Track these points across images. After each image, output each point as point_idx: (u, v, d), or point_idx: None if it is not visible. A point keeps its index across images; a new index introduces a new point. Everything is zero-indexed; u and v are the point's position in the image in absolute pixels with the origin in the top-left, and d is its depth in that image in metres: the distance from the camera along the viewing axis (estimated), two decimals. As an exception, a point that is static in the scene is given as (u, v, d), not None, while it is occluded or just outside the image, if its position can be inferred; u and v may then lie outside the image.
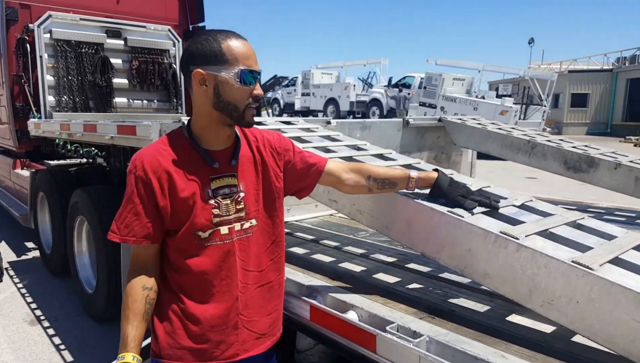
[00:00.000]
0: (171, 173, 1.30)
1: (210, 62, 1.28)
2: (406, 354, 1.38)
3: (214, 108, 1.31)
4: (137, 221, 1.30)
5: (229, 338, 1.39)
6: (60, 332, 3.69)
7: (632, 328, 1.19)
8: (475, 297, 1.75)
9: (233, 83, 1.28)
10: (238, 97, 1.30)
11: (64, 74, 5.36)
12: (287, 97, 24.68)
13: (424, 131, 3.77)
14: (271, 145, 1.50)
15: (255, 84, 1.31)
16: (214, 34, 1.30)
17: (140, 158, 1.32)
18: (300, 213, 3.09)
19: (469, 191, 1.67)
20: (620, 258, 1.38)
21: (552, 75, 17.38)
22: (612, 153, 3.17)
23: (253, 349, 1.44)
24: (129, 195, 1.31)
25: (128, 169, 1.33)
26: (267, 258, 1.47)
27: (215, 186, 1.34)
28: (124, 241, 1.31)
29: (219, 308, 1.37)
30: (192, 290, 1.36)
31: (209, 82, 1.29)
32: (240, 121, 1.34)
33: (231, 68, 1.27)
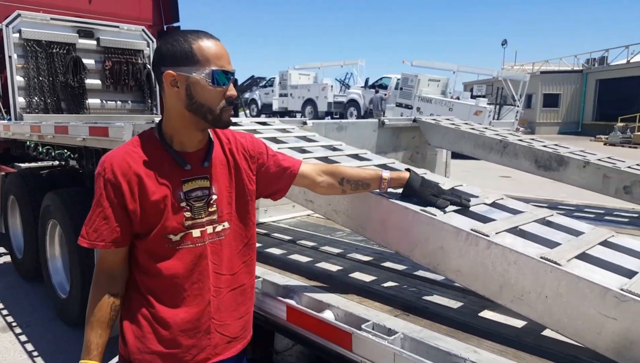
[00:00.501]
0: (141, 176, 1.27)
1: (181, 63, 1.25)
2: (381, 351, 1.40)
3: (187, 110, 1.29)
4: (105, 226, 1.27)
5: (200, 342, 1.37)
6: (33, 338, 3.61)
7: (598, 322, 1.23)
8: (448, 294, 1.78)
9: (205, 84, 1.26)
10: (211, 99, 1.27)
11: (35, 74, 5.24)
12: (264, 98, 24.60)
13: (399, 131, 3.82)
14: (244, 148, 1.48)
15: (228, 84, 1.29)
16: (184, 34, 1.28)
17: (109, 160, 1.28)
18: (277, 213, 3.09)
19: (441, 190, 1.69)
20: (587, 253, 1.43)
21: (525, 76, 17.75)
22: (581, 152, 3.26)
23: (224, 353, 1.43)
24: (98, 199, 1.28)
25: (96, 172, 1.30)
26: (239, 261, 1.45)
27: (187, 188, 1.32)
28: (93, 246, 1.28)
29: (191, 312, 1.35)
30: (163, 294, 1.34)
31: (181, 83, 1.27)
32: (218, 123, 1.32)
33: (202, 69, 1.25)
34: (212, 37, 1.30)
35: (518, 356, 1.34)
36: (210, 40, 1.28)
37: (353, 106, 20.56)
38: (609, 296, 1.21)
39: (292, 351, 2.57)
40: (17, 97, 5.13)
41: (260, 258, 2.23)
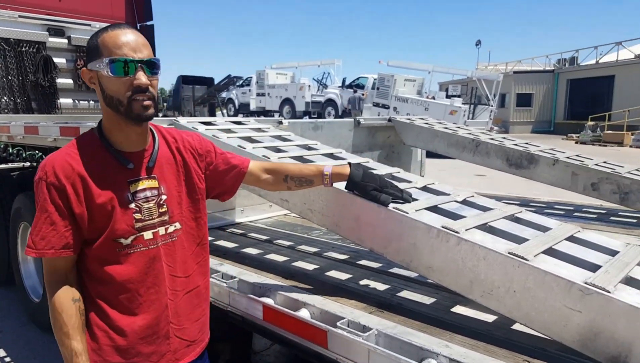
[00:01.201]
0: (85, 178, 1.22)
1: (92, 59, 1.23)
2: (356, 348, 1.42)
3: (106, 105, 1.25)
4: (53, 232, 1.20)
5: (160, 348, 1.34)
6: (5, 344, 3.52)
7: (564, 315, 1.28)
8: (421, 290, 1.81)
9: (106, 75, 1.21)
10: (116, 90, 1.22)
11: (3, 73, 5.12)
12: (242, 97, 24.44)
13: (375, 130, 3.85)
14: (192, 146, 1.45)
15: (134, 73, 1.21)
16: (101, 30, 1.25)
17: (50, 164, 1.22)
18: (254, 213, 3.09)
19: (384, 183, 1.69)
20: (554, 248, 1.47)
21: (498, 76, 18.06)
22: (551, 150, 3.35)
23: (184, 358, 1.40)
24: (42, 204, 1.21)
25: (37, 177, 1.23)
26: (193, 262, 1.43)
27: (134, 189, 1.28)
28: (42, 254, 1.21)
29: (148, 318, 1.31)
30: (117, 301, 1.28)
31: (95, 79, 1.24)
32: (130, 115, 1.23)
33: (103, 59, 1.20)
34: (120, 27, 1.24)
35: (489, 350, 1.37)
36: (115, 30, 1.23)
37: (331, 106, 20.60)
38: (574, 290, 1.25)
39: (270, 351, 2.58)
40: (-15, 97, 5.00)
41: (237, 258, 2.24)
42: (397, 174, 2.10)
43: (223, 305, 1.89)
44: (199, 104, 16.44)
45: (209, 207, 2.84)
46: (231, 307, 1.86)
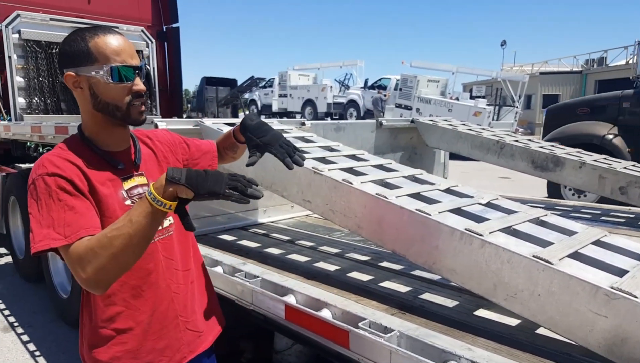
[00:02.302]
0: (85, 173, 1.21)
1: (80, 63, 1.21)
2: (378, 349, 1.42)
3: (95, 110, 1.25)
4: (76, 215, 1.13)
5: (173, 342, 1.36)
6: (34, 339, 3.63)
7: (590, 319, 1.26)
8: (444, 293, 1.81)
9: (106, 82, 1.21)
10: (116, 96, 1.23)
11: (35, 75, 5.27)
12: (264, 98, 24.61)
13: (397, 132, 3.84)
14: (165, 140, 1.49)
15: (134, 79, 1.24)
16: (81, 33, 1.23)
17: (48, 160, 1.19)
18: (276, 214, 3.12)
19: (275, 138, 1.52)
20: (579, 252, 1.45)
21: (524, 76, 17.76)
22: (577, 153, 3.29)
23: (198, 349, 1.43)
24: (53, 196, 1.14)
25: (35, 176, 1.18)
26: (188, 255, 1.45)
27: (127, 186, 1.29)
28: (75, 238, 1.10)
29: (154, 313, 1.32)
30: (121, 300, 1.28)
31: (83, 84, 1.23)
32: (127, 120, 1.26)
33: (101, 66, 1.20)
34: (109, 32, 1.25)
35: (512, 353, 1.36)
36: (107, 36, 1.23)
37: (352, 107, 20.57)
38: (600, 295, 1.23)
39: (291, 350, 2.60)
40: (17, 98, 5.16)
41: (259, 257, 2.27)
42: (420, 175, 2.09)
43: (246, 303, 1.91)
44: (222, 105, 16.60)
45: (233, 207, 2.89)
46: (254, 306, 1.88)
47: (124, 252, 1.08)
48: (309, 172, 1.98)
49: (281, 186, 2.17)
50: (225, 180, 1.12)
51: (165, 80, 6.59)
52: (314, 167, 1.99)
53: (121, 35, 1.27)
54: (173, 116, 6.31)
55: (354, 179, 1.88)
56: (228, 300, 1.98)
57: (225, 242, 2.58)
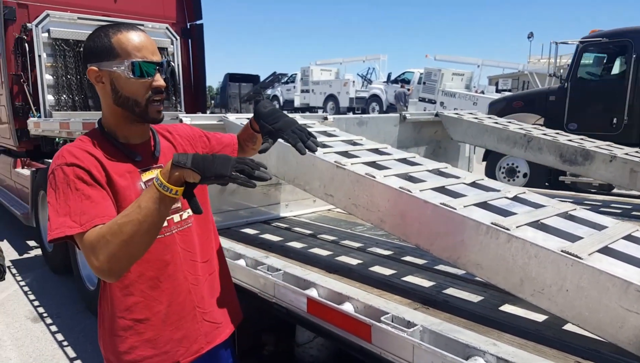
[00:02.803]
0: (104, 164, 1.23)
1: (103, 58, 1.24)
2: (400, 343, 1.41)
3: (116, 105, 1.28)
4: (92, 204, 1.15)
5: (190, 333, 1.37)
6: (62, 329, 3.72)
7: (620, 315, 1.22)
8: (469, 288, 1.78)
9: (127, 77, 1.24)
10: (136, 91, 1.25)
11: (63, 73, 5.38)
12: (286, 94, 24.69)
13: (421, 126, 3.80)
14: (185, 133, 1.51)
15: (154, 75, 1.26)
16: (105, 29, 1.27)
17: (68, 151, 1.22)
18: (298, 208, 3.12)
19: (289, 123, 1.46)
20: (610, 247, 1.41)
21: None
22: (608, 146, 3.20)
23: (215, 340, 1.44)
24: (71, 186, 1.16)
25: (54, 166, 1.20)
26: (208, 247, 1.47)
27: (146, 178, 1.31)
28: (90, 225, 1.11)
29: (171, 304, 1.33)
30: (138, 291, 1.30)
31: (105, 79, 1.26)
32: (145, 117, 1.28)
33: (122, 61, 1.23)
34: (132, 28, 1.28)
35: (538, 349, 1.33)
36: (129, 32, 1.26)
37: (375, 101, 20.47)
38: (631, 290, 1.19)
39: (313, 344, 2.60)
40: (46, 95, 5.28)
41: (282, 251, 2.27)
42: (445, 169, 2.06)
43: (268, 296, 1.92)
44: (245, 101, 16.72)
45: (255, 201, 2.90)
46: (276, 299, 1.89)
47: (134, 238, 1.08)
48: (332, 166, 1.97)
49: (303, 181, 2.16)
50: (232, 163, 1.11)
51: (189, 76, 6.65)
52: (336, 161, 1.98)
53: (143, 32, 1.30)
54: (197, 112, 6.38)
55: (377, 173, 1.86)
56: (250, 292, 2.00)
57: (248, 236, 2.59)
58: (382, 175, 1.84)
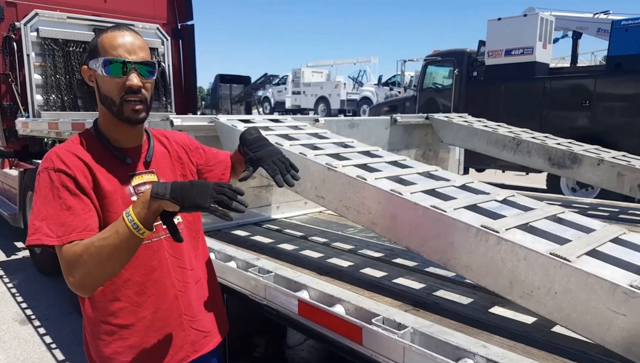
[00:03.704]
0: (91, 168, 1.23)
1: (91, 57, 1.27)
2: (391, 345, 1.42)
3: (101, 103, 1.29)
4: (72, 216, 1.15)
5: (176, 340, 1.36)
6: (51, 331, 3.69)
7: (607, 318, 1.24)
8: (459, 290, 1.79)
9: (100, 74, 1.25)
10: (109, 89, 1.25)
11: (52, 72, 5.33)
12: (277, 95, 24.69)
13: (412, 128, 3.82)
14: (182, 142, 1.51)
15: (128, 74, 1.23)
16: (100, 30, 1.30)
17: (55, 155, 1.22)
18: (289, 210, 3.12)
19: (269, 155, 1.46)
20: (598, 250, 1.43)
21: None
22: (595, 149, 3.24)
23: (202, 349, 1.42)
24: (54, 192, 1.16)
25: (43, 168, 1.21)
26: (197, 254, 1.47)
27: (135, 182, 1.31)
28: (67, 240, 1.13)
29: (157, 311, 1.32)
30: (124, 297, 1.29)
31: (92, 77, 1.28)
32: (121, 116, 1.26)
33: (99, 59, 1.24)
34: (119, 28, 1.28)
35: (527, 351, 1.35)
36: (114, 32, 1.26)
37: (366, 104, 20.53)
38: (618, 292, 1.21)
39: (303, 346, 2.60)
40: (34, 95, 5.23)
41: (273, 253, 2.27)
42: (435, 172, 2.08)
43: (259, 298, 1.92)
44: (236, 102, 16.68)
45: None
46: (267, 301, 1.88)
47: (110, 261, 1.12)
48: (323, 168, 1.98)
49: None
50: (210, 193, 1.11)
51: (180, 77, 6.63)
52: (327, 163, 1.98)
53: (131, 32, 1.28)
54: (188, 113, 6.35)
55: (368, 175, 1.87)
56: (241, 294, 1.99)
57: (239, 238, 2.59)
58: (373, 177, 1.85)
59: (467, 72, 9.47)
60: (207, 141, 2.57)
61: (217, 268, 2.08)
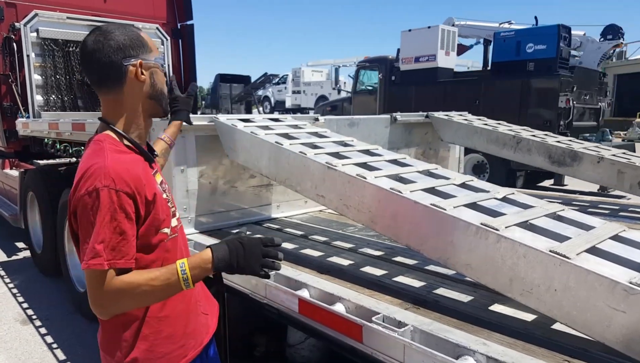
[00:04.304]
0: (142, 179, 1.22)
1: (141, 52, 1.27)
2: (391, 343, 1.42)
3: (150, 98, 1.30)
4: (124, 241, 1.15)
5: (197, 326, 1.41)
6: (52, 331, 3.69)
7: (607, 315, 1.24)
8: (459, 288, 1.79)
9: (158, 70, 1.30)
10: (164, 85, 1.33)
11: (52, 73, 5.34)
12: (277, 95, 24.69)
13: (412, 127, 3.82)
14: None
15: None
16: (125, 27, 1.28)
17: (115, 172, 1.17)
18: (289, 209, 3.12)
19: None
20: (597, 247, 1.43)
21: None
22: (595, 147, 3.24)
23: (210, 330, 1.48)
24: (113, 214, 1.14)
25: (102, 185, 1.14)
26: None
27: (159, 180, 1.35)
28: (115, 265, 1.14)
29: (183, 300, 1.35)
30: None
31: (146, 71, 1.28)
32: (167, 109, 1.36)
33: (153, 55, 1.29)
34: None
35: (527, 348, 1.35)
36: (140, 31, 1.32)
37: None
38: (618, 290, 1.21)
39: (304, 344, 2.60)
40: (35, 95, 5.23)
41: (273, 252, 2.27)
42: (435, 170, 2.08)
43: (260, 297, 1.92)
44: (236, 102, 16.69)
45: (246, 202, 2.90)
46: (267, 300, 1.89)
47: (150, 302, 1.24)
48: (323, 167, 1.98)
49: (295, 181, 2.17)
50: (260, 261, 1.25)
51: (180, 77, 6.63)
52: (327, 162, 1.98)
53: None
54: (187, 113, 6.35)
55: (368, 174, 1.87)
56: (242, 293, 2.00)
57: (240, 237, 2.59)
58: (373, 176, 1.85)
59: (389, 77, 11.22)
60: (207, 141, 2.60)
61: (218, 267, 2.09)
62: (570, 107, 8.37)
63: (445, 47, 10.49)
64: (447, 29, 10.69)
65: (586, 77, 9.37)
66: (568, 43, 9.22)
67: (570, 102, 8.38)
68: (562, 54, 8.87)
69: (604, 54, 10.46)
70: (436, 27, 10.58)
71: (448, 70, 10.55)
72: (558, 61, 8.73)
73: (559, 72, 8.57)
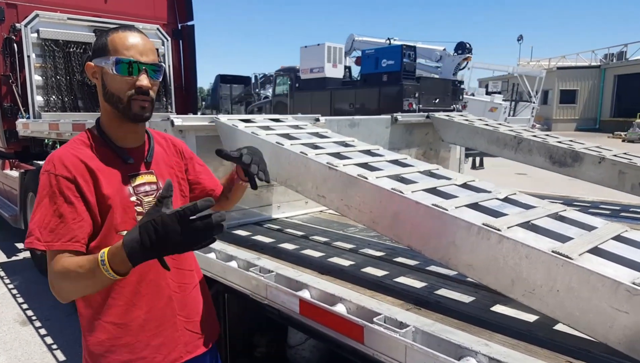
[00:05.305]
0: (93, 170, 1.25)
1: (98, 55, 1.29)
2: (393, 344, 1.41)
3: (105, 100, 1.31)
4: (61, 224, 1.19)
5: (169, 340, 1.37)
6: (52, 332, 3.69)
7: (610, 315, 1.23)
8: (460, 289, 1.78)
9: (110, 72, 1.27)
10: (118, 88, 1.28)
11: (52, 73, 5.34)
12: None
13: (413, 127, 3.81)
14: (180, 148, 1.54)
15: (138, 75, 1.27)
16: (108, 30, 1.32)
17: (58, 157, 1.24)
18: (290, 209, 3.12)
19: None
20: (600, 247, 1.42)
21: (541, 72, 17.58)
22: (597, 148, 3.23)
23: (196, 350, 1.43)
24: (49, 197, 1.20)
25: (44, 170, 1.24)
26: (192, 257, 1.50)
27: (135, 183, 1.33)
28: (51, 247, 1.19)
29: (151, 310, 1.33)
30: (119, 295, 1.30)
31: (98, 74, 1.30)
32: (128, 113, 1.29)
33: (109, 58, 1.27)
34: (130, 30, 1.31)
35: (530, 349, 1.34)
36: (125, 32, 1.29)
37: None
38: (620, 290, 1.20)
39: (305, 345, 2.60)
40: (35, 96, 5.24)
41: (274, 252, 2.27)
42: (436, 171, 2.07)
43: (260, 298, 1.91)
44: (236, 102, 16.73)
45: (247, 203, 2.89)
46: (268, 300, 1.88)
47: (84, 289, 1.20)
48: (324, 167, 1.98)
49: (295, 182, 2.16)
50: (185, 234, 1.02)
51: (180, 77, 6.63)
52: (328, 162, 1.98)
53: (140, 34, 1.32)
54: (188, 113, 6.35)
55: (369, 174, 1.87)
56: (242, 294, 1.99)
57: (240, 237, 2.58)
58: (374, 176, 1.85)
59: (294, 84, 14.57)
60: (207, 141, 2.59)
61: (218, 268, 2.08)
62: (414, 109, 10.65)
63: (332, 61, 13.65)
64: (332, 46, 13.68)
65: (434, 86, 12.27)
66: (413, 59, 12.06)
67: (413, 105, 10.86)
68: (406, 68, 11.64)
69: (457, 65, 13.38)
70: (323, 44, 13.54)
71: (336, 79, 13.72)
72: (402, 74, 11.51)
73: (402, 82, 11.46)
